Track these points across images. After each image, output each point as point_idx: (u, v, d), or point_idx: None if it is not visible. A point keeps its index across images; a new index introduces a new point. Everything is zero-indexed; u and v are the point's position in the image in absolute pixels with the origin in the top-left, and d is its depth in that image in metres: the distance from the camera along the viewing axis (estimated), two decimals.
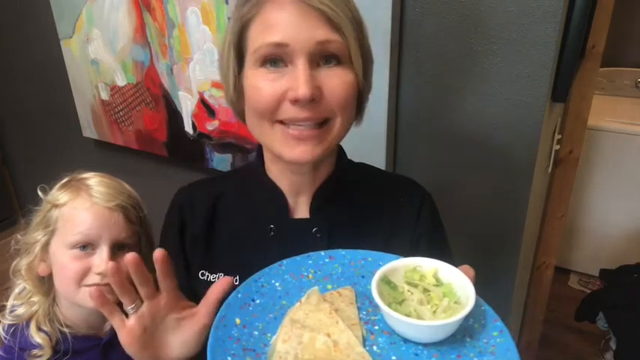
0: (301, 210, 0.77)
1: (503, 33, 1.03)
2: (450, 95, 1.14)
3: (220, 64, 0.72)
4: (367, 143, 0.82)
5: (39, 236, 0.95)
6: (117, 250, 0.94)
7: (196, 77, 1.46)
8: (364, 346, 0.56)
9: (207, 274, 0.76)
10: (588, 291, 2.47)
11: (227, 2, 1.30)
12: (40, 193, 0.98)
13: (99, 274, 0.91)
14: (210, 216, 0.79)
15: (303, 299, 0.61)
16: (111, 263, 0.60)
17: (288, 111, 0.65)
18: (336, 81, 0.65)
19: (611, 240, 2.51)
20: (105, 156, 1.91)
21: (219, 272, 0.75)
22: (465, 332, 0.57)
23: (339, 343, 0.55)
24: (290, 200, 0.77)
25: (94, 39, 1.64)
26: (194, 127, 1.55)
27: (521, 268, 1.31)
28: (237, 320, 0.58)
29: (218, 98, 1.45)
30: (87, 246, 0.92)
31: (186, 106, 1.53)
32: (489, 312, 0.59)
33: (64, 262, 0.92)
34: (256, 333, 0.58)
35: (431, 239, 0.78)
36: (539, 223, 1.60)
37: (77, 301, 0.93)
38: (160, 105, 1.60)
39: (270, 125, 0.68)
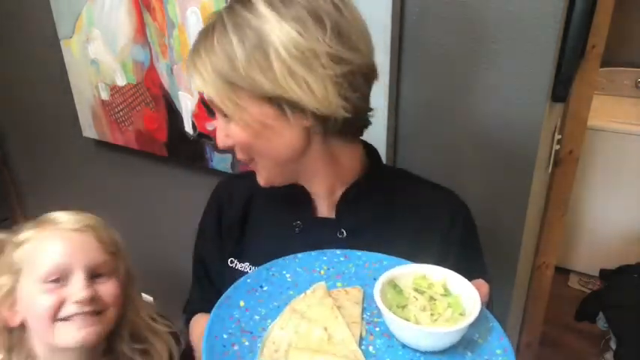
0: (327, 211, 0.78)
1: (503, 33, 1.03)
2: (449, 95, 1.14)
3: None
4: None
5: (2, 281, 0.85)
6: (93, 277, 0.85)
7: None
8: (360, 345, 0.55)
9: (235, 261, 0.80)
10: (588, 291, 2.47)
11: (227, 2, 1.30)
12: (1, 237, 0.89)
13: (77, 302, 0.81)
14: (246, 208, 0.83)
15: (308, 292, 0.62)
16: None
17: None
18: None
19: (611, 240, 2.50)
20: (105, 156, 1.91)
21: (247, 262, 0.79)
22: (467, 345, 0.56)
23: (333, 338, 0.55)
24: (316, 201, 0.78)
25: (94, 39, 1.64)
26: (194, 127, 1.55)
27: (521, 268, 1.31)
28: (242, 302, 0.59)
29: None
30: (59, 279, 0.82)
31: (186, 106, 1.53)
32: (497, 329, 0.58)
33: (33, 297, 0.82)
34: (257, 317, 0.59)
35: (460, 254, 0.75)
36: (539, 223, 1.60)
37: (52, 339, 0.82)
38: (160, 105, 1.60)
39: None
